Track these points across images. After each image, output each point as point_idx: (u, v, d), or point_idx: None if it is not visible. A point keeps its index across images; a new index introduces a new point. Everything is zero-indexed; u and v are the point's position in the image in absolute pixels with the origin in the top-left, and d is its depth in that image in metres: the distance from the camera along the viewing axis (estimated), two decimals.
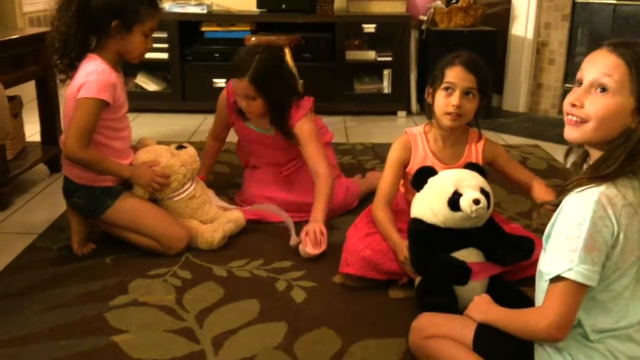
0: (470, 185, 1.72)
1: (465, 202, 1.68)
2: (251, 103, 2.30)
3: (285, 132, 2.37)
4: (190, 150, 2.28)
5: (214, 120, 2.62)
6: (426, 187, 1.78)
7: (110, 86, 2.03)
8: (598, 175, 1.22)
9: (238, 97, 2.33)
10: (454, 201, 1.69)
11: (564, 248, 1.21)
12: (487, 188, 1.75)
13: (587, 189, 1.21)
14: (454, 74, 1.89)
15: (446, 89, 1.89)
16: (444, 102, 1.90)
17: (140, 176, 2.13)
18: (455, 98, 1.88)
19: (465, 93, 1.89)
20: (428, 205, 1.74)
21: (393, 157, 2.03)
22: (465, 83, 1.88)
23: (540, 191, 1.96)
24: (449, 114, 1.90)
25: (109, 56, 2.08)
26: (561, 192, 1.27)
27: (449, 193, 1.71)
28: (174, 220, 2.18)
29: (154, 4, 2.11)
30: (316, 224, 2.16)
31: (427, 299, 1.71)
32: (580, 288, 1.21)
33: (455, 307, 1.66)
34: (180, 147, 2.28)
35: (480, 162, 1.97)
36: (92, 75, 2.01)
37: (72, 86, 2.05)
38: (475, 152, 2.01)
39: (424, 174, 1.81)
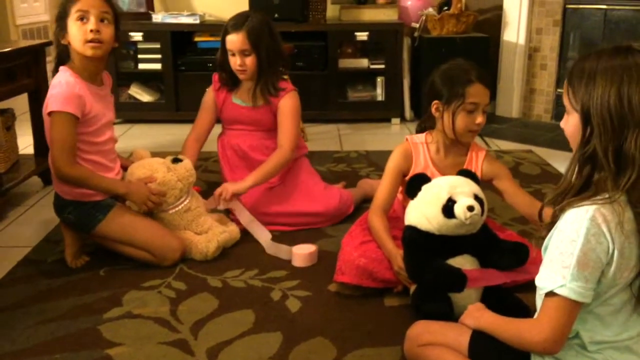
0: (464, 192, 1.72)
1: (459, 209, 1.68)
2: (246, 59, 2.39)
3: (271, 94, 2.44)
4: (187, 164, 2.24)
5: (198, 118, 2.60)
6: (420, 194, 1.78)
7: (74, 98, 1.97)
8: (573, 190, 1.23)
9: (232, 57, 2.41)
10: (448, 208, 1.69)
11: (557, 264, 1.20)
12: (481, 194, 1.75)
13: (583, 205, 1.20)
14: (477, 93, 1.89)
15: (471, 110, 1.90)
16: (467, 120, 1.90)
17: (135, 194, 2.09)
18: (480, 116, 1.91)
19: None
20: (422, 212, 1.74)
21: (393, 164, 2.02)
22: (487, 100, 1.92)
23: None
24: (472, 131, 1.93)
25: (77, 65, 2.05)
26: (561, 209, 1.25)
27: (443, 200, 1.71)
28: (167, 231, 2.16)
29: None
30: (230, 187, 2.30)
31: (423, 306, 1.71)
32: (575, 304, 1.20)
33: (451, 314, 1.65)
34: (176, 159, 2.24)
35: (479, 173, 1.97)
36: (56, 89, 1.98)
37: (44, 104, 2.03)
38: (475, 163, 2.02)
39: (418, 182, 1.81)
